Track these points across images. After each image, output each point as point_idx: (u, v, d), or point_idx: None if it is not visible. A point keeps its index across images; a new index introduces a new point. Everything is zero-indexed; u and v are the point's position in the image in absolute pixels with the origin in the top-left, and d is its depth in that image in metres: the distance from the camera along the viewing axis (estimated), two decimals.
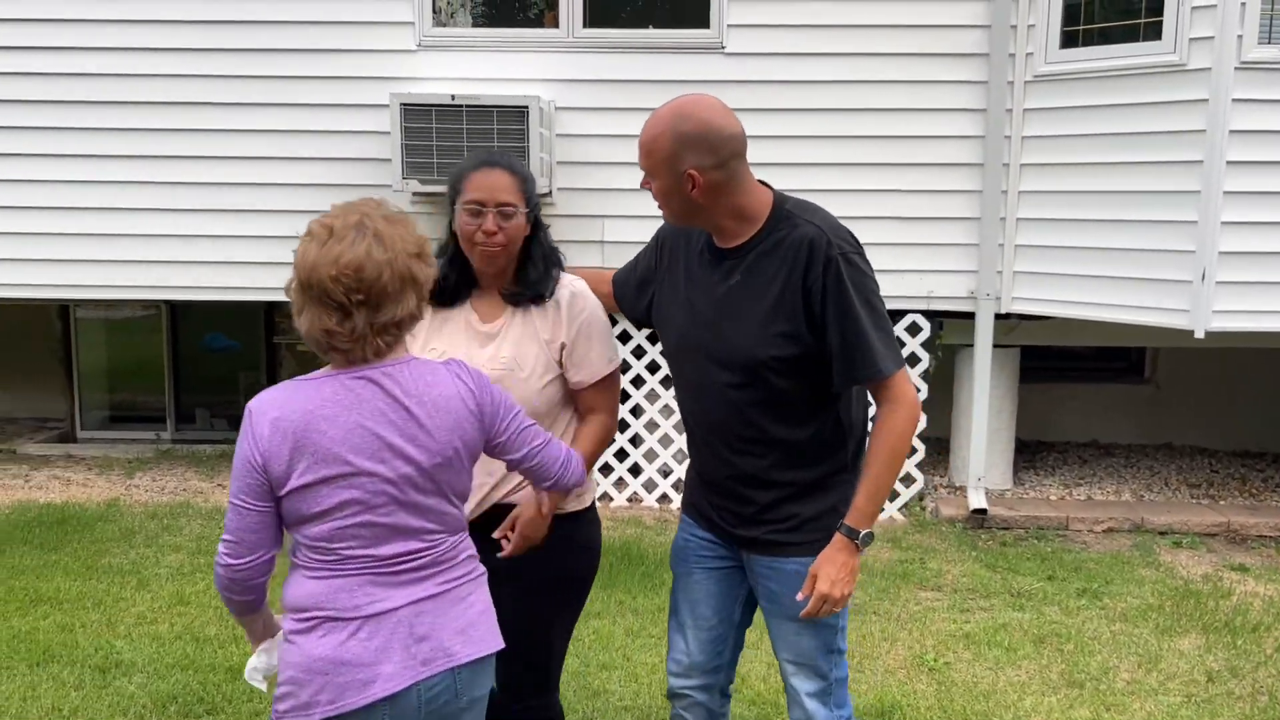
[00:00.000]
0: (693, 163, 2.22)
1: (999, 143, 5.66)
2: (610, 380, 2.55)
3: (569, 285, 2.52)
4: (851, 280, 2.25)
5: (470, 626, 2.00)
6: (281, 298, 6.61)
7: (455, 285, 2.47)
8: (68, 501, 5.77)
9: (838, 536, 2.30)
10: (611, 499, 6.00)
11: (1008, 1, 5.54)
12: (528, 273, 2.47)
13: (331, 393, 1.89)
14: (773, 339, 2.29)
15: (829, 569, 2.29)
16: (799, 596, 2.33)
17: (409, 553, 1.94)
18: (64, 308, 7.26)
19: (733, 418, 2.37)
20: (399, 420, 1.90)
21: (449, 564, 2.01)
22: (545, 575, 2.47)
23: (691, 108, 2.24)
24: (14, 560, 4.84)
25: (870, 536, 2.33)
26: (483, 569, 2.11)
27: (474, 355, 2.41)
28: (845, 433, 2.40)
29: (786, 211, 2.33)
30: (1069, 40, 5.53)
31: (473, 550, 2.09)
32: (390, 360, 1.93)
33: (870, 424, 2.40)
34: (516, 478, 2.43)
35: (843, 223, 2.40)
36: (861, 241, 2.38)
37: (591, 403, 2.54)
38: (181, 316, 7.39)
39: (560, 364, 2.49)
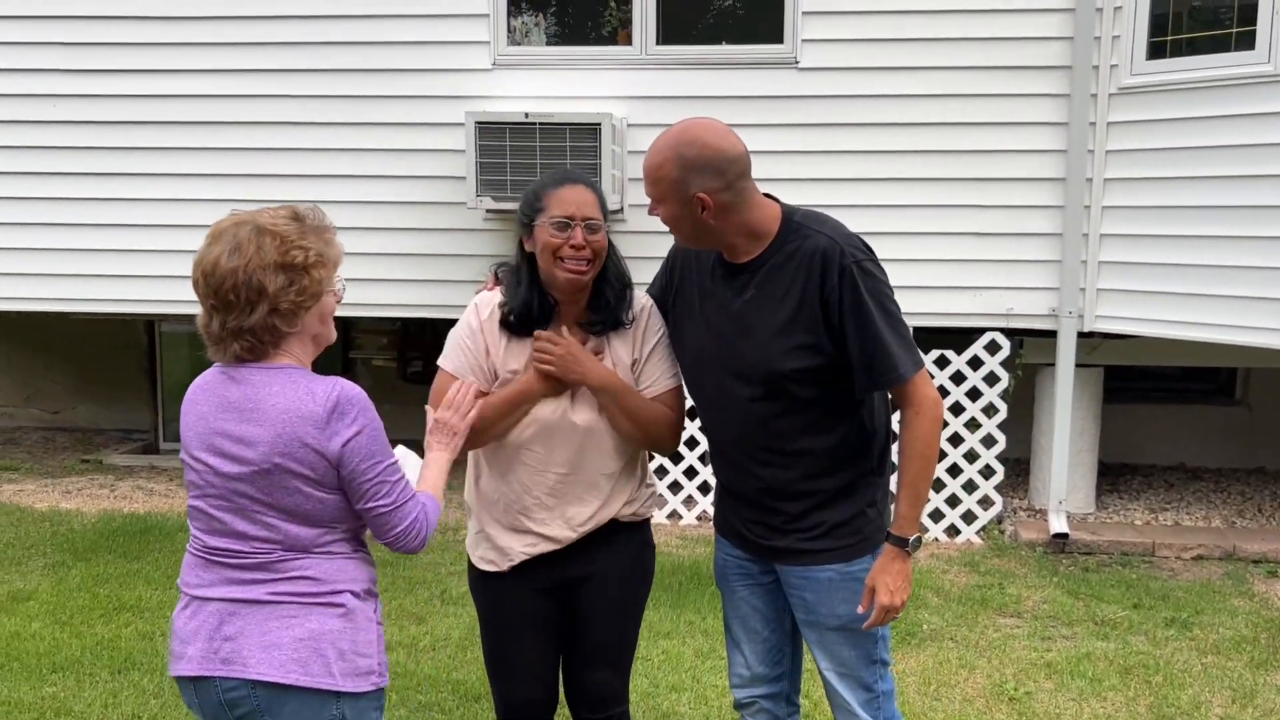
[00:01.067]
0: (701, 186, 2.24)
1: (1082, 157, 5.51)
2: (675, 396, 2.53)
3: (641, 300, 2.52)
4: (867, 288, 2.25)
5: (276, 647, 1.91)
6: (356, 313, 6.79)
7: (538, 312, 2.42)
8: (150, 512, 5.91)
9: (888, 547, 2.32)
10: (680, 517, 5.96)
11: (1091, 12, 5.40)
12: (604, 296, 2.44)
13: (204, 382, 2.01)
14: (792, 351, 2.29)
15: (885, 579, 2.30)
16: (860, 609, 2.34)
17: (234, 551, 1.96)
18: (150, 323, 7.46)
19: (756, 430, 2.37)
20: (233, 421, 1.92)
21: (280, 575, 1.95)
22: (628, 573, 2.56)
23: (695, 132, 2.26)
24: (99, 569, 4.97)
25: (919, 541, 2.35)
26: (338, 601, 1.97)
27: (563, 388, 2.41)
28: (870, 436, 2.40)
29: (796, 224, 2.33)
30: (1156, 51, 5.37)
31: (321, 575, 1.96)
32: (256, 363, 1.94)
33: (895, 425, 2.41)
34: (626, 495, 2.51)
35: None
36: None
37: None
38: None
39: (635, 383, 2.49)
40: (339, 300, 2.01)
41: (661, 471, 5.89)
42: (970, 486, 5.81)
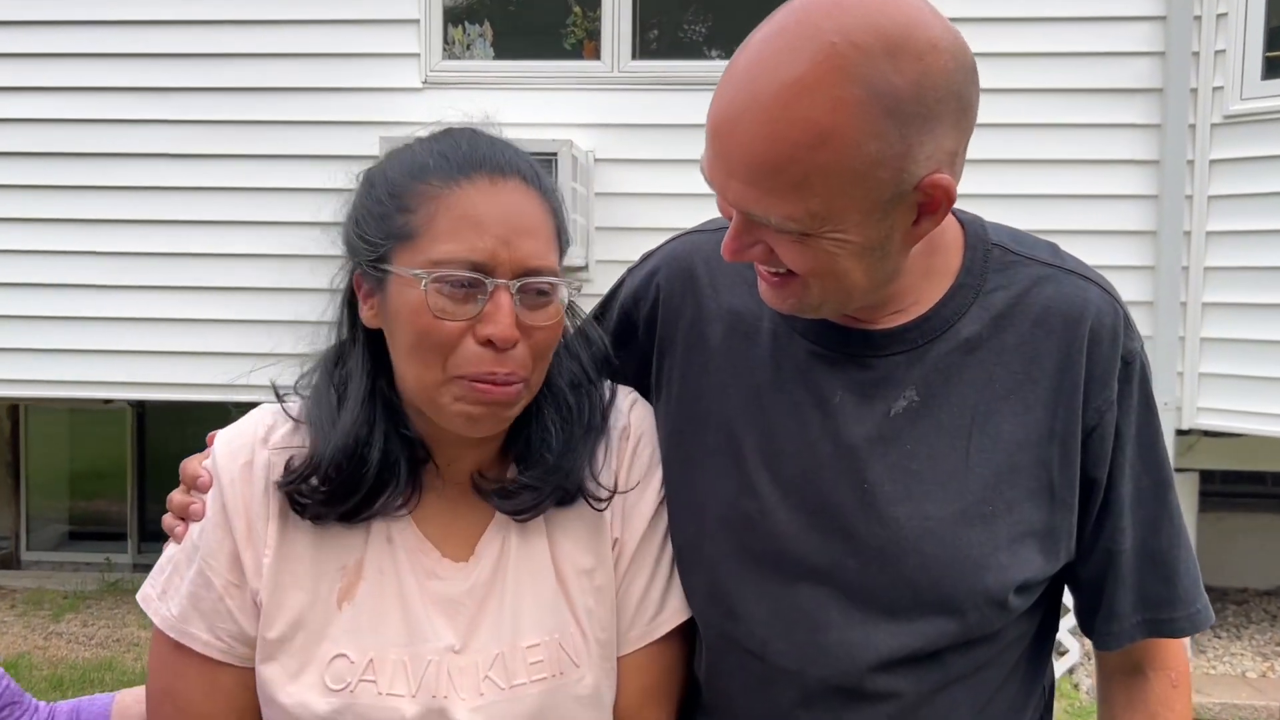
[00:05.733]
0: (934, 153, 0.92)
1: (1177, 204, 4.31)
2: (680, 643, 1.16)
3: (622, 410, 1.17)
4: (1154, 411, 1.10)
5: None
6: (257, 397, 5.49)
7: (382, 467, 1.06)
8: None
9: None
10: None
11: (1188, 22, 4.24)
12: (545, 424, 1.11)
13: None
14: (1016, 530, 1.04)
15: None
16: None
17: None
18: (13, 406, 6.13)
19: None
20: None
21: None
22: None
23: (863, 11, 0.89)
24: None
25: None
26: None
27: (451, 663, 1.05)
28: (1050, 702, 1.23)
29: (996, 248, 1.10)
30: (1273, 69, 4.20)
31: None
32: None
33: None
34: None
35: None
36: None
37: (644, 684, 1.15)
38: (149, 415, 6.22)
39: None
40: None
41: None
42: None
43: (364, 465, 1.05)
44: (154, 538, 6.26)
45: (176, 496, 1.11)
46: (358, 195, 1.10)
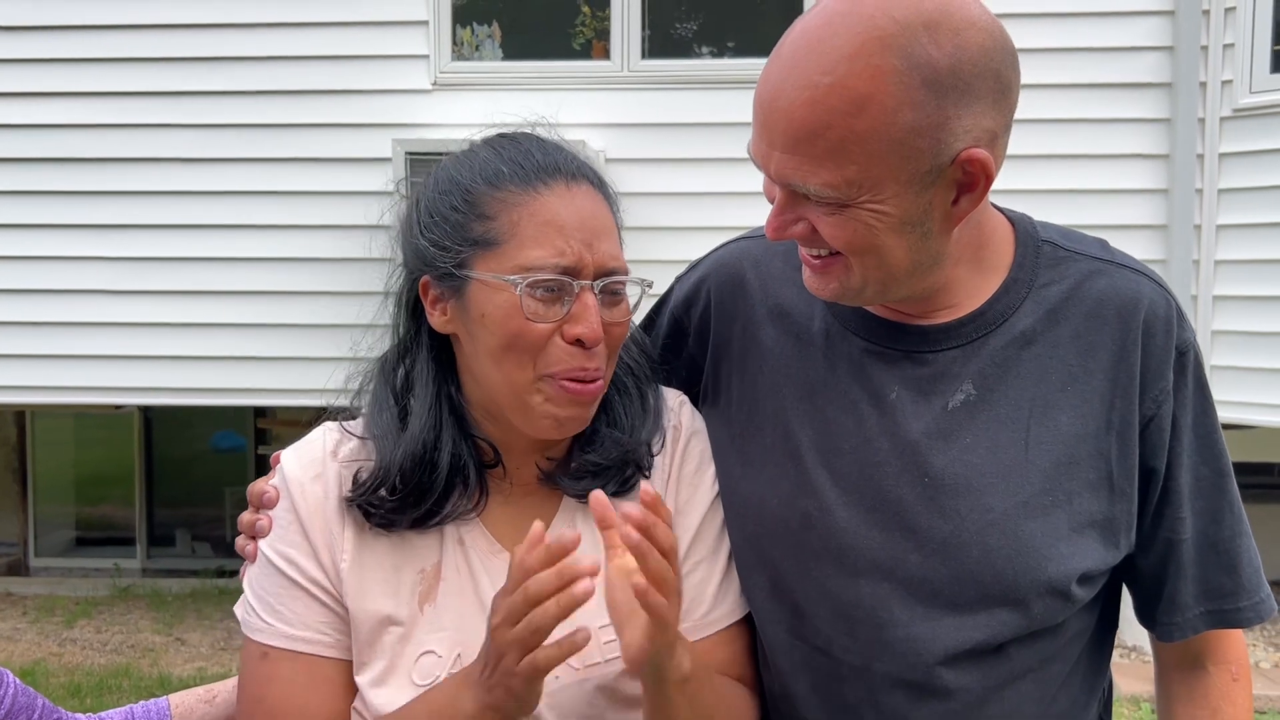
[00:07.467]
0: (972, 129, 0.96)
1: (1187, 198, 4.33)
2: (742, 637, 1.17)
3: (672, 409, 1.19)
4: (1210, 403, 1.12)
5: None
6: (268, 400, 5.47)
7: (451, 471, 1.08)
8: None
9: None
10: None
11: (1197, 15, 4.25)
12: (614, 415, 1.14)
13: None
14: (1077, 520, 1.06)
15: None
16: None
17: None
18: (19, 413, 6.12)
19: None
20: None
21: None
22: None
23: None
24: None
25: None
26: None
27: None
28: (1110, 700, 1.23)
29: (1045, 243, 1.13)
30: None
31: None
32: None
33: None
34: None
35: None
36: None
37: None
38: (156, 419, 6.21)
39: None
40: None
41: None
42: None
43: (434, 470, 1.07)
44: (163, 542, 6.26)
45: (246, 516, 1.14)
46: (424, 201, 1.11)
